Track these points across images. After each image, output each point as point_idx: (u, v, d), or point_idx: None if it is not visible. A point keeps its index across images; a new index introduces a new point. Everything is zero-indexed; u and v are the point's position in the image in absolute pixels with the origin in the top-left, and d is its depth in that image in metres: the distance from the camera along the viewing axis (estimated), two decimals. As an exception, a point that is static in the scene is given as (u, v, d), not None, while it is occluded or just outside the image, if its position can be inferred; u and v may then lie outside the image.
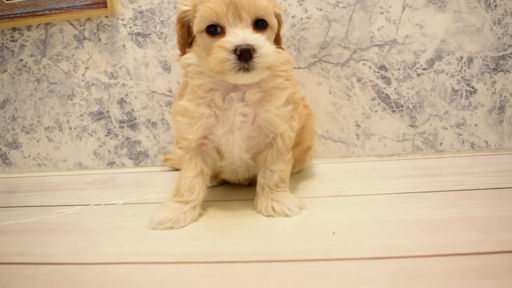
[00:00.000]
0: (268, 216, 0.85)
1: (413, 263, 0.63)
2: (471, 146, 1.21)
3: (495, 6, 1.16)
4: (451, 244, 0.67)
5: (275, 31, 0.86)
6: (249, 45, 0.75)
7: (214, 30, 0.79)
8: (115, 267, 0.71)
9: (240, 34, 0.77)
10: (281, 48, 0.91)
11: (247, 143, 0.88)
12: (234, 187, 1.05)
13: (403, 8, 1.18)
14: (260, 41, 0.77)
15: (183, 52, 0.89)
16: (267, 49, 0.77)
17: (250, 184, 1.03)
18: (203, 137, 0.88)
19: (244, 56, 0.75)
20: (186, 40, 0.87)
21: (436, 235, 0.71)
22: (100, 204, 1.03)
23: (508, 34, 1.16)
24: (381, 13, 1.19)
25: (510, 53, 1.17)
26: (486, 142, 1.21)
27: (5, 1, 1.34)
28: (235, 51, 0.75)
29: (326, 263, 0.65)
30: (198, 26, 0.81)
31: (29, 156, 1.42)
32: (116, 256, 0.74)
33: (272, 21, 0.83)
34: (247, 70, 0.77)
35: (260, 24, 0.81)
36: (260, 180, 0.89)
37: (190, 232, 0.82)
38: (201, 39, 0.82)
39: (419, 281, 0.58)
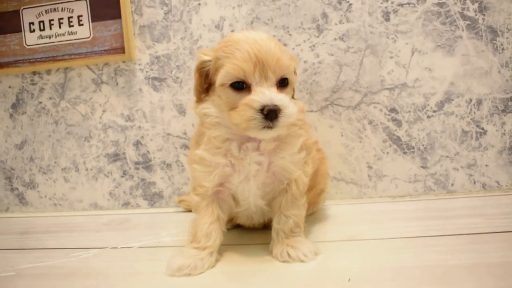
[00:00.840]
0: (283, 261, 0.86)
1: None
2: (483, 187, 1.22)
3: (502, 49, 1.18)
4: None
5: (294, 86, 0.89)
6: (275, 105, 0.78)
7: (240, 86, 0.82)
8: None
9: (267, 93, 0.79)
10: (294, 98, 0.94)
11: (262, 190, 0.89)
12: (249, 231, 1.06)
13: (412, 53, 1.21)
14: (285, 102, 0.80)
15: (200, 99, 0.91)
16: (291, 110, 0.80)
17: (264, 227, 1.04)
18: (219, 185, 0.89)
19: (271, 116, 0.78)
20: (204, 88, 0.90)
21: (452, 282, 0.71)
22: (116, 248, 1.05)
23: (516, 77, 1.19)
24: (391, 57, 1.21)
25: (519, 95, 1.19)
26: (498, 182, 1.22)
27: (26, 46, 1.38)
28: (262, 110, 0.78)
29: (342, 312, 0.66)
30: (222, 80, 0.82)
31: (45, 196, 1.45)
32: (135, 303, 0.75)
33: (293, 78, 0.86)
34: (270, 127, 0.79)
35: (282, 82, 0.84)
36: (275, 225, 0.91)
37: (207, 278, 0.83)
38: (224, 93, 0.83)
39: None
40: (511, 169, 1.21)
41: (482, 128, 1.21)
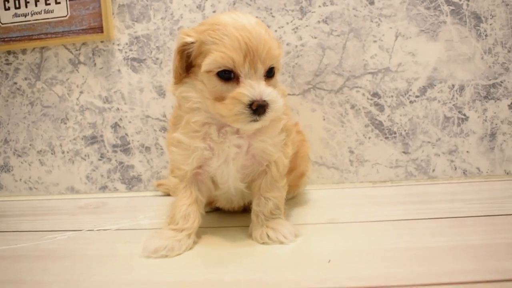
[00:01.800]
0: (263, 243, 0.84)
1: (410, 293, 0.63)
2: (464, 173, 1.22)
3: (486, 35, 1.18)
4: (447, 273, 0.67)
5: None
6: (264, 101, 0.77)
7: (227, 75, 0.79)
8: (109, 296, 0.70)
9: (256, 88, 0.77)
10: None
11: (241, 172, 0.88)
12: (228, 213, 1.04)
13: (396, 37, 1.20)
14: (274, 96, 0.78)
15: (179, 81, 0.87)
16: (279, 104, 0.79)
17: (244, 210, 1.02)
18: (198, 168, 0.87)
19: (259, 111, 0.77)
20: (184, 70, 0.86)
21: (432, 263, 0.71)
22: (92, 230, 1.02)
23: (498, 63, 1.18)
24: (374, 41, 1.20)
25: (501, 82, 1.19)
26: (478, 168, 1.22)
27: (0, 24, 1.34)
28: (250, 105, 0.76)
29: (322, 292, 0.65)
30: (208, 67, 0.79)
31: (20, 180, 1.41)
32: (110, 284, 0.74)
33: (280, 66, 0.85)
34: (257, 120, 0.78)
35: (269, 72, 0.81)
36: (254, 207, 0.89)
37: (185, 260, 0.81)
38: (210, 81, 0.80)
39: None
40: (491, 156, 1.21)
41: (464, 114, 1.21)
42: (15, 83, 1.37)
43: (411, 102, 1.21)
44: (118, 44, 1.30)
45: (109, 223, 1.06)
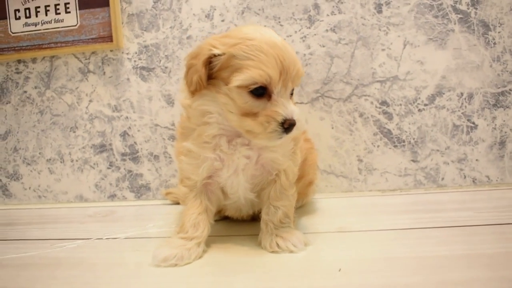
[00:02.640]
0: (272, 252, 0.84)
1: (422, 302, 0.62)
2: (473, 181, 1.22)
3: (494, 43, 1.18)
4: (459, 282, 0.67)
5: None
6: (294, 120, 0.78)
7: (261, 92, 0.78)
8: (119, 305, 0.70)
9: (288, 107, 0.78)
10: None
11: (251, 182, 0.88)
12: (237, 222, 1.04)
13: (404, 45, 1.20)
14: (300, 115, 0.80)
15: (197, 93, 0.84)
16: (302, 122, 0.85)
17: (253, 219, 1.02)
18: (208, 178, 0.87)
19: (289, 129, 0.78)
20: (205, 82, 0.82)
21: (444, 272, 0.71)
22: (101, 238, 1.02)
23: (507, 71, 1.18)
24: (383, 50, 1.20)
25: (510, 89, 1.18)
26: (488, 177, 1.21)
27: (11, 33, 1.35)
28: (283, 123, 0.77)
29: (333, 302, 0.65)
30: (242, 82, 0.77)
31: (29, 188, 1.42)
32: (120, 293, 0.73)
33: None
34: (282, 137, 0.79)
35: (292, 91, 0.83)
36: (264, 216, 0.89)
37: (194, 269, 0.81)
38: (240, 96, 0.79)
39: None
40: (501, 164, 1.20)
41: (473, 123, 1.20)
42: (25, 91, 1.38)
43: (419, 110, 1.21)
44: (127, 53, 1.30)
45: (118, 232, 1.06)
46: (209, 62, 0.80)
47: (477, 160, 1.21)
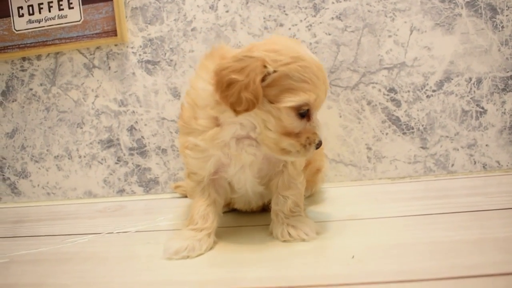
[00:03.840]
0: (284, 241, 0.84)
1: (439, 285, 0.62)
2: (483, 167, 1.21)
3: (502, 27, 1.17)
4: (475, 266, 0.66)
5: None
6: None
7: (306, 113, 0.79)
8: (133, 296, 0.70)
9: (321, 129, 0.82)
10: None
11: (258, 175, 0.87)
12: (247, 213, 1.04)
13: (411, 31, 1.19)
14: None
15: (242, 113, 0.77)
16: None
17: (263, 209, 1.02)
18: (215, 173, 0.87)
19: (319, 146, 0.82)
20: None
21: (456, 256, 0.70)
22: (112, 233, 1.02)
23: (516, 55, 1.17)
24: (389, 36, 1.19)
25: (519, 74, 1.17)
26: (498, 162, 1.20)
27: (15, 31, 1.35)
28: (318, 144, 0.81)
29: (348, 287, 0.64)
30: (295, 103, 0.76)
31: (38, 185, 1.42)
32: (132, 285, 0.73)
33: None
34: None
35: None
36: (273, 207, 0.88)
37: (206, 259, 0.81)
38: (288, 117, 0.77)
39: (447, 305, 0.57)
40: (511, 149, 1.19)
41: (482, 108, 1.19)
42: (31, 89, 1.38)
43: (428, 96, 1.20)
44: (132, 47, 1.30)
45: (128, 226, 1.06)
46: (263, 80, 0.75)
47: (487, 145, 1.20)
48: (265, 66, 0.74)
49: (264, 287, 0.67)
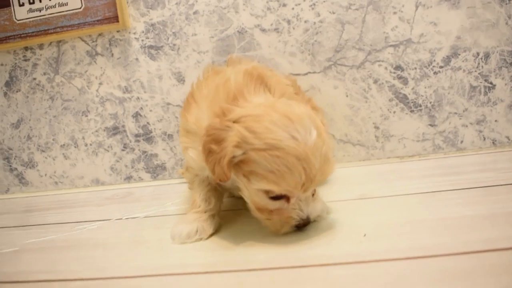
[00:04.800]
0: (294, 221, 0.83)
1: (452, 261, 0.61)
2: (493, 143, 1.19)
3: (509, 0, 1.14)
4: (488, 240, 0.66)
5: None
6: (309, 219, 0.77)
7: (277, 197, 0.74)
8: (144, 280, 0.70)
9: (305, 210, 0.75)
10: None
11: None
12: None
13: (416, 7, 1.17)
14: (317, 211, 0.79)
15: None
16: (322, 216, 0.82)
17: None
18: None
19: (304, 227, 0.77)
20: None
21: (469, 232, 0.70)
22: (121, 219, 1.02)
23: (524, 28, 1.15)
24: (394, 13, 1.17)
25: (527, 47, 1.15)
26: (508, 137, 1.19)
27: (16, 21, 1.34)
28: (297, 225, 0.76)
29: (361, 265, 0.64)
30: (259, 188, 0.73)
31: (45, 175, 1.42)
32: (144, 269, 0.73)
33: None
34: None
35: None
36: None
37: (216, 242, 0.81)
38: (257, 196, 0.75)
39: (462, 279, 0.56)
40: (521, 124, 1.18)
41: (491, 83, 1.18)
42: (34, 78, 1.37)
43: (435, 73, 1.18)
44: (134, 33, 1.29)
45: (137, 212, 1.06)
46: (231, 162, 0.73)
47: (496, 121, 1.18)
48: (234, 151, 0.72)
49: (276, 267, 0.66)
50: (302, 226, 0.76)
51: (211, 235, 0.83)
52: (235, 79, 0.82)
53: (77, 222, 1.04)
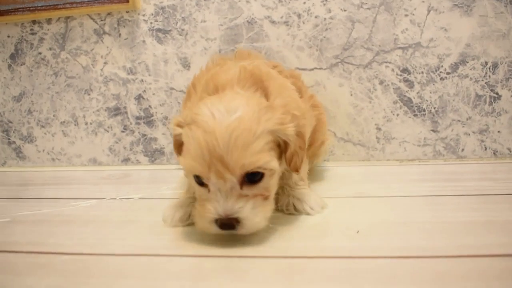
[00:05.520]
0: (289, 214, 0.83)
1: (444, 263, 0.61)
2: (494, 153, 1.19)
3: (522, 11, 1.14)
4: (479, 246, 0.65)
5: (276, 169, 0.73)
6: (232, 218, 0.68)
7: (200, 181, 0.70)
8: (133, 259, 0.69)
9: (221, 203, 0.68)
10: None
11: None
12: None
13: (428, 11, 1.16)
14: (245, 212, 0.68)
15: None
16: (253, 221, 0.69)
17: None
18: None
19: (227, 228, 0.69)
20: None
21: (465, 236, 0.69)
22: (115, 198, 1.02)
23: (534, 41, 1.14)
24: (406, 15, 1.17)
25: (536, 61, 1.15)
26: (509, 149, 1.18)
27: (26, -6, 1.33)
28: (215, 221, 0.69)
29: (352, 260, 0.63)
30: (181, 167, 0.74)
31: (43, 151, 1.41)
32: (134, 248, 0.73)
33: (272, 166, 0.70)
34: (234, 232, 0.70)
35: (252, 178, 0.69)
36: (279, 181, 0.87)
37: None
38: (191, 179, 0.73)
39: (453, 281, 0.56)
40: (523, 137, 1.17)
41: (497, 93, 1.17)
42: (40, 53, 1.36)
43: (441, 79, 1.18)
44: (144, 15, 1.28)
45: (131, 193, 1.05)
46: (177, 141, 0.76)
47: (499, 131, 1.18)
48: (177, 125, 0.75)
49: (266, 256, 0.66)
50: (223, 226, 0.68)
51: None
52: (227, 73, 0.80)
53: (71, 198, 1.04)
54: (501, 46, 1.15)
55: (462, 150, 1.19)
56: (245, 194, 0.69)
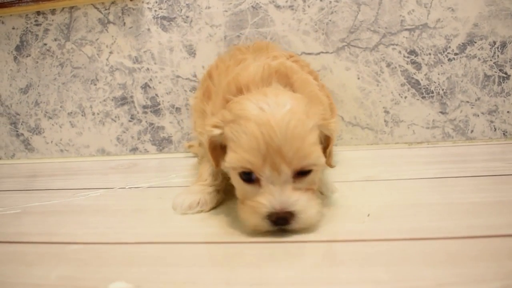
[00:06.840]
0: (298, 199, 0.82)
1: (455, 244, 0.61)
2: (503, 134, 1.18)
3: (531, -11, 1.12)
4: (490, 226, 0.65)
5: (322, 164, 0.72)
6: (288, 212, 0.66)
7: (248, 177, 0.69)
8: (144, 247, 0.70)
9: (277, 196, 0.66)
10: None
11: None
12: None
13: (435, -9, 1.15)
14: (302, 205, 0.66)
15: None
16: (309, 213, 0.67)
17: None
18: None
19: (281, 223, 0.66)
20: (221, 158, 0.74)
21: (473, 217, 0.69)
22: (124, 188, 1.02)
23: (543, 19, 1.12)
24: (412, -4, 1.15)
25: (545, 39, 1.13)
26: (519, 130, 1.17)
27: (29, -15, 1.33)
28: (269, 216, 0.66)
29: (363, 243, 0.63)
30: (230, 164, 0.69)
31: (51, 142, 1.42)
32: (145, 236, 0.73)
33: (319, 162, 0.69)
34: (284, 229, 0.68)
35: (303, 172, 0.68)
36: None
37: (218, 214, 0.80)
38: (235, 178, 0.72)
39: (465, 261, 0.55)
40: (533, 116, 1.16)
41: (505, 73, 1.15)
42: (45, 44, 1.36)
43: (449, 60, 1.16)
44: (148, 3, 1.27)
45: (140, 182, 1.06)
46: (213, 142, 0.75)
47: (509, 112, 1.17)
48: (211, 131, 0.73)
49: (277, 241, 0.66)
50: (278, 220, 0.66)
51: (212, 208, 0.82)
52: (248, 72, 0.78)
53: (80, 189, 1.04)
54: (509, 25, 1.14)
55: (471, 131, 1.18)
56: (298, 188, 0.67)
